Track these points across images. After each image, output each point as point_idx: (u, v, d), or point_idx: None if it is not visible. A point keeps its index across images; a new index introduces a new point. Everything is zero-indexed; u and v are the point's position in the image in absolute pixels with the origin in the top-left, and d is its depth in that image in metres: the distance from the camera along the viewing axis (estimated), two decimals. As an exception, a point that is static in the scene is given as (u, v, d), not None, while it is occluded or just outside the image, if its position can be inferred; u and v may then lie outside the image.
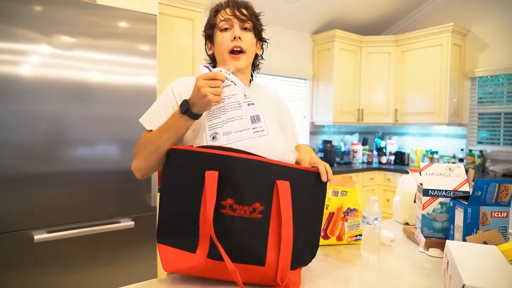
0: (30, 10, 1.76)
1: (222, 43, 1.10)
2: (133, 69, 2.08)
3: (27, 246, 1.80)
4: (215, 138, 0.92)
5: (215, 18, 1.13)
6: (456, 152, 3.79)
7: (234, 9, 1.10)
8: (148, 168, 1.04)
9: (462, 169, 1.27)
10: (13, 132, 1.75)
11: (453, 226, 1.14)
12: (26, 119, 1.77)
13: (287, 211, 0.84)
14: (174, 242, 0.88)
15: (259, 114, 0.95)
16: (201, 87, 0.89)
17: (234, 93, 0.94)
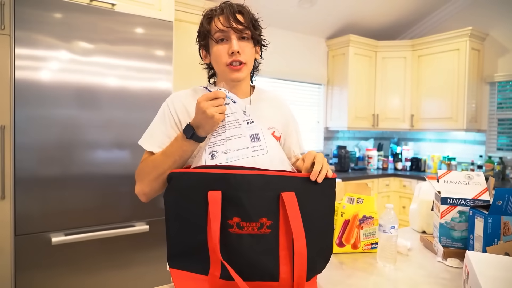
0: (50, 17, 1.81)
1: (220, 56, 1.03)
2: (149, 74, 2.11)
3: (44, 248, 1.83)
4: (214, 156, 0.90)
5: (208, 27, 1.04)
6: (475, 159, 3.70)
7: (230, 18, 1.01)
8: (154, 192, 1.03)
9: (482, 177, 1.24)
10: (32, 135, 1.79)
11: (473, 236, 1.11)
12: (44, 123, 1.81)
13: (297, 224, 0.82)
14: (185, 265, 0.87)
15: (258, 133, 0.93)
16: (205, 109, 0.87)
17: (233, 111, 0.93)
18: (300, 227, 0.83)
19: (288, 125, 1.20)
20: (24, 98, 1.76)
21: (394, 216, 1.12)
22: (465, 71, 3.49)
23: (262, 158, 0.91)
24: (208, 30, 1.04)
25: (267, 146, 0.92)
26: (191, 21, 2.63)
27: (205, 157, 0.91)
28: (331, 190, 0.91)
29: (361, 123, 3.98)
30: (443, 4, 3.87)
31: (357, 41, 3.84)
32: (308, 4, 3.37)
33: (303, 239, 0.83)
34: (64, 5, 1.84)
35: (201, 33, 1.07)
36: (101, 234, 1.96)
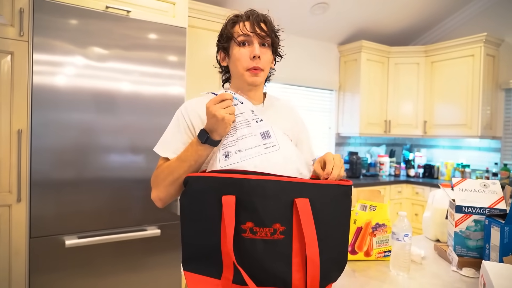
0: (67, 23, 1.85)
1: (240, 59, 1.05)
2: (163, 79, 2.13)
3: (58, 250, 1.86)
4: (228, 157, 0.91)
5: (232, 30, 1.07)
6: (490, 166, 3.64)
7: (254, 24, 1.05)
8: (170, 197, 1.04)
9: (498, 186, 1.22)
10: (48, 140, 1.82)
11: (489, 245, 1.09)
12: (60, 128, 1.85)
13: (310, 231, 0.82)
14: (199, 269, 0.88)
15: (268, 130, 0.94)
16: (215, 112, 0.88)
17: (242, 111, 0.94)
18: (313, 234, 0.82)
19: (299, 132, 1.21)
20: (41, 103, 1.80)
21: (407, 224, 1.11)
22: (479, 78, 3.44)
23: (275, 154, 0.91)
24: (232, 33, 1.07)
25: (279, 143, 0.93)
26: (204, 27, 2.66)
27: (219, 159, 0.92)
28: (346, 198, 0.89)
29: (373, 129, 3.95)
30: (457, 10, 3.83)
31: (369, 47, 3.82)
32: (320, 11, 3.38)
33: (315, 246, 0.82)
34: (80, 12, 1.89)
35: (224, 36, 1.09)
36: (113, 238, 1.98)
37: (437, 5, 3.68)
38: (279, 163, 0.91)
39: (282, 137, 0.96)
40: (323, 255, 0.84)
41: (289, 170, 0.91)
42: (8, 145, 1.78)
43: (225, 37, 1.09)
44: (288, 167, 0.92)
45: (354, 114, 3.90)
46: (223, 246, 0.85)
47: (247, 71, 1.05)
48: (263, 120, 0.95)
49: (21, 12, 1.78)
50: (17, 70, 1.79)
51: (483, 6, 3.71)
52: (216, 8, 2.69)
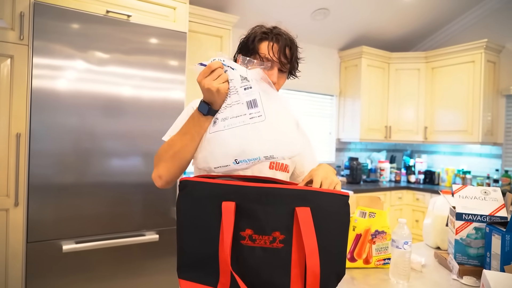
0: (67, 27, 1.85)
1: None
2: (163, 84, 2.13)
3: (55, 255, 1.84)
4: (215, 123, 0.91)
5: (258, 46, 1.05)
6: (491, 173, 3.62)
7: (280, 51, 1.03)
8: (169, 175, 1.01)
9: (499, 193, 1.20)
10: (46, 144, 1.82)
11: (490, 253, 1.08)
12: (59, 132, 1.84)
13: (310, 241, 0.80)
14: (194, 276, 0.86)
15: (256, 99, 0.90)
16: (208, 86, 0.87)
17: (231, 78, 0.91)
18: (314, 244, 0.81)
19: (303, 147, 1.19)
20: (40, 107, 1.79)
21: (407, 231, 1.09)
22: (480, 84, 3.44)
23: (260, 126, 0.88)
24: (257, 49, 1.05)
25: (265, 113, 0.89)
26: (204, 32, 2.67)
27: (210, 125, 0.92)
28: (345, 208, 0.88)
29: (374, 134, 3.94)
30: (457, 16, 3.84)
31: (369, 53, 3.83)
32: (321, 16, 3.39)
33: (316, 257, 0.80)
34: (81, 16, 1.89)
35: (248, 48, 1.07)
36: (111, 243, 1.96)
37: (438, 11, 3.69)
38: (265, 134, 0.88)
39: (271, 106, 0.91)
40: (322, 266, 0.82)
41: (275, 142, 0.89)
42: (6, 148, 1.78)
43: (249, 48, 1.06)
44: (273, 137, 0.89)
45: (355, 119, 3.89)
46: (221, 252, 0.83)
47: None
48: (252, 87, 0.90)
49: (22, 16, 1.78)
50: (17, 73, 1.79)
51: (484, 13, 3.71)
52: (216, 13, 2.70)
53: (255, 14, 3.13)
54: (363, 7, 3.39)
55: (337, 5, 3.28)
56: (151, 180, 1.05)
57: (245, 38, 1.09)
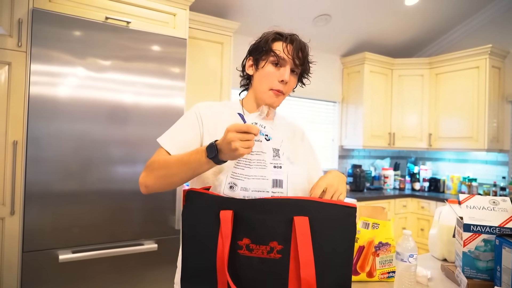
0: (66, 34, 1.83)
1: (268, 77, 1.06)
2: (163, 90, 2.10)
3: (51, 265, 1.80)
4: (233, 189, 0.88)
5: (271, 45, 1.07)
6: (497, 180, 3.55)
7: (295, 50, 1.06)
8: (155, 188, 0.99)
9: (509, 203, 1.15)
10: (43, 151, 1.79)
11: (500, 267, 1.03)
12: (56, 139, 1.81)
13: (306, 250, 0.77)
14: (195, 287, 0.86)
15: (282, 180, 0.90)
16: (231, 141, 0.82)
17: (263, 150, 0.89)
18: (309, 255, 0.78)
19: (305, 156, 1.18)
20: (37, 114, 1.77)
21: (412, 243, 1.05)
22: (485, 90, 3.39)
23: None
24: (270, 48, 1.06)
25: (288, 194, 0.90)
26: (204, 38, 2.64)
27: (224, 185, 0.89)
28: (350, 220, 0.84)
29: (377, 141, 3.89)
30: (461, 21, 3.80)
31: (372, 59, 3.79)
32: (323, 22, 3.36)
33: (311, 268, 0.77)
34: (80, 23, 1.87)
35: (261, 47, 1.07)
36: (108, 252, 1.92)
37: (441, 17, 3.66)
38: None
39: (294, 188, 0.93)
40: (323, 279, 0.79)
41: None
42: (3, 156, 1.75)
43: (262, 49, 1.07)
44: None
45: (358, 126, 3.85)
46: (219, 262, 0.81)
47: (271, 90, 1.06)
48: (282, 167, 0.91)
49: (20, 22, 1.76)
50: (14, 80, 1.77)
51: (487, 18, 3.68)
52: (217, 19, 2.68)
53: (256, 21, 3.11)
54: (365, 12, 3.36)
55: (339, 11, 3.26)
56: None
57: (258, 40, 1.10)
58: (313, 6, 3.12)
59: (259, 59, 1.08)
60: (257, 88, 1.09)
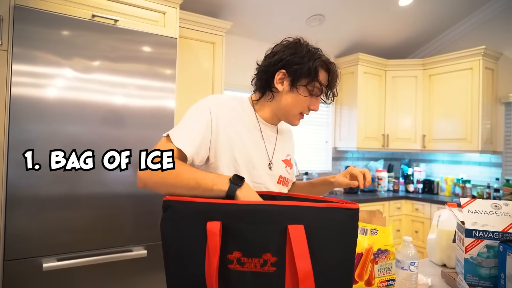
0: (50, 33, 1.76)
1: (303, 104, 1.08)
2: (153, 92, 2.03)
3: (35, 274, 1.72)
4: None
5: (317, 74, 1.06)
6: (491, 182, 3.54)
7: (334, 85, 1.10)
8: (152, 190, 0.93)
9: (511, 207, 1.11)
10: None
11: (504, 274, 0.98)
12: (40, 141, 1.73)
13: (304, 263, 0.71)
14: None
15: None
16: None
17: None
18: (308, 267, 0.71)
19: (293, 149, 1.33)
20: (20, 116, 1.69)
21: (413, 250, 1.00)
22: (478, 91, 3.38)
23: None
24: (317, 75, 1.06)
25: None
26: (196, 38, 2.58)
27: None
28: (352, 224, 0.77)
29: (371, 143, 3.86)
30: (455, 23, 3.79)
31: (366, 60, 3.76)
32: (316, 23, 3.32)
33: (310, 281, 0.71)
34: (65, 21, 1.79)
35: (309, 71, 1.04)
36: (95, 260, 1.84)
37: (434, 18, 3.64)
38: None
39: None
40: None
41: None
42: (-17, 160, 1.67)
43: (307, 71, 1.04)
44: None
45: (351, 128, 3.81)
46: (208, 279, 0.74)
47: (298, 115, 1.12)
48: None
49: (1, 20, 1.68)
50: (-5, 80, 1.68)
51: (481, 20, 3.67)
52: (209, 19, 2.62)
53: (249, 20, 3.06)
54: (359, 13, 3.33)
55: (333, 12, 3.22)
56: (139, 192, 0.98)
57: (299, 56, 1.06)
58: (306, 6, 3.08)
59: (297, 81, 1.05)
60: (286, 107, 1.10)
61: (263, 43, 3.13)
